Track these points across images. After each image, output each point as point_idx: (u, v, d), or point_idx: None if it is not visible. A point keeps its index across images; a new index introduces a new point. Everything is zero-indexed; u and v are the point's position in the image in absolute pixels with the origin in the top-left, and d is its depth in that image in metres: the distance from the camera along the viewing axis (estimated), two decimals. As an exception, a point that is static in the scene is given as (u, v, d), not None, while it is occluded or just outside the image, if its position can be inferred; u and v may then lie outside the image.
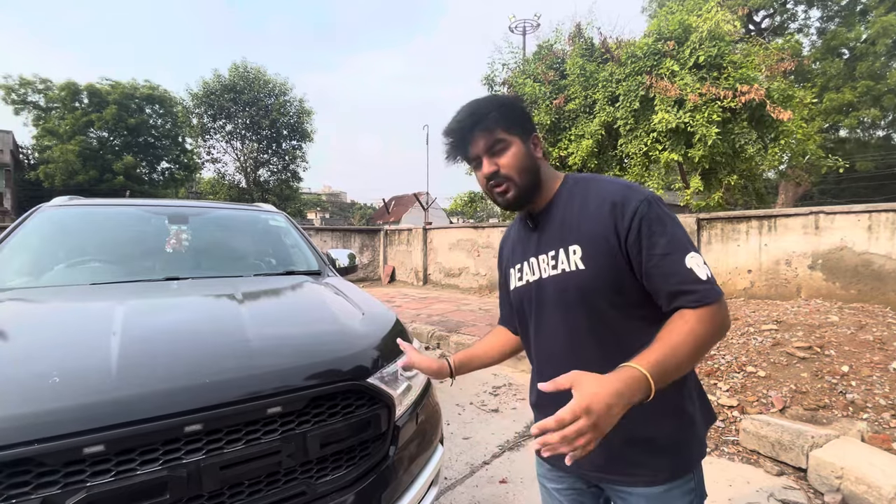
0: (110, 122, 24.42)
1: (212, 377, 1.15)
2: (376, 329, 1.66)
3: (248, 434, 1.14)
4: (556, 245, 0.97)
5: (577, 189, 1.00)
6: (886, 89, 15.10)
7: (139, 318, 1.47)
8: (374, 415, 1.36)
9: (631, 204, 0.89)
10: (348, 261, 3.09)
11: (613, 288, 0.91)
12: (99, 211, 2.56)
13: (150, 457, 1.01)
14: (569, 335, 0.97)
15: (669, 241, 0.87)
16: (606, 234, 0.90)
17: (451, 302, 8.74)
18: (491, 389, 4.27)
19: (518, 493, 2.54)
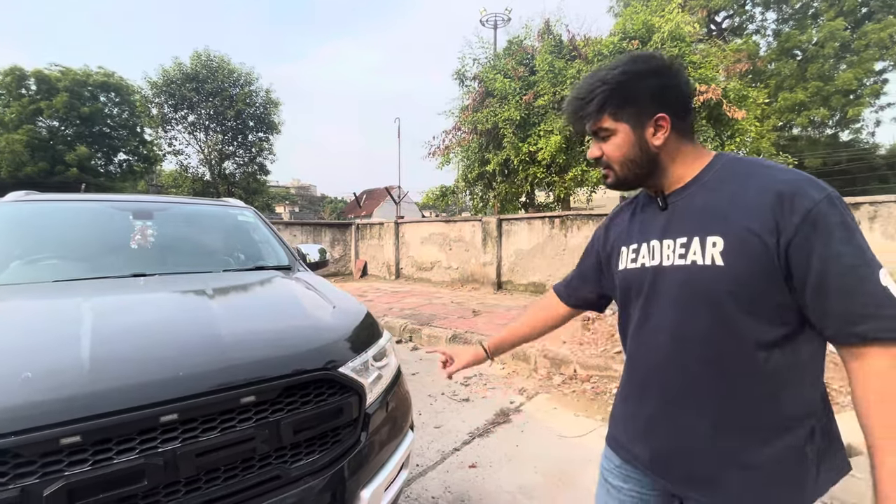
0: (61, 111, 23.07)
1: (185, 370, 1.19)
2: (347, 321, 1.71)
3: (224, 422, 1.18)
4: (690, 232, 0.84)
5: (733, 170, 0.85)
6: (834, 90, 16.07)
7: (109, 315, 1.48)
8: (345, 402, 1.43)
9: (806, 198, 0.74)
10: (319, 256, 3.11)
11: (752, 293, 0.77)
12: (59, 206, 2.49)
13: (127, 446, 1.05)
14: (677, 338, 0.86)
15: (857, 251, 0.72)
16: (762, 230, 0.75)
17: (423, 295, 8.82)
18: (462, 380, 4.38)
19: (487, 477, 2.66)
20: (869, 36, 15.66)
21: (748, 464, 0.81)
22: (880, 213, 5.39)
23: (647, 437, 0.93)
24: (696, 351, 0.83)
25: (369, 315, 1.87)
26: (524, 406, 3.73)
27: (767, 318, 0.78)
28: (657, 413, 0.91)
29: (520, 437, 3.17)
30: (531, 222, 8.67)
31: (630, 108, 0.86)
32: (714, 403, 0.83)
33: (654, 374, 0.91)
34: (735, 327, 0.79)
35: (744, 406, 0.81)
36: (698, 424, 0.84)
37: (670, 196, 0.90)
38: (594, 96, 0.88)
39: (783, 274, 0.75)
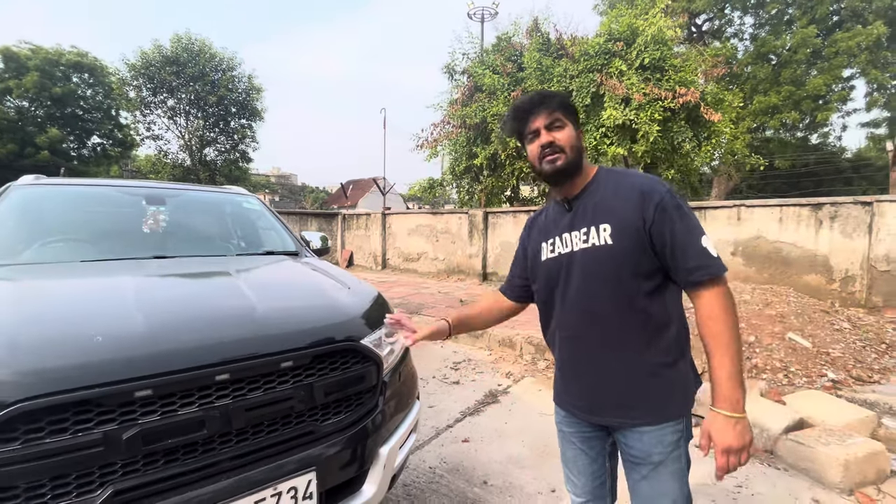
0: (31, 91, 22.14)
1: (232, 337, 1.35)
2: (362, 301, 1.89)
3: (266, 384, 1.35)
4: (589, 223, 1.17)
5: (609, 178, 1.21)
6: (805, 95, 16.74)
7: (150, 289, 1.62)
8: (366, 371, 1.61)
9: (656, 194, 1.10)
10: (321, 243, 3.26)
11: (633, 259, 1.11)
12: (72, 190, 2.57)
13: (188, 400, 1.21)
14: (591, 296, 1.17)
15: (688, 225, 1.09)
16: (633, 216, 1.11)
17: (410, 286, 8.99)
18: (452, 364, 4.60)
19: (480, 449, 2.88)
20: (839, 44, 16.33)
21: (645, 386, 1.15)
22: (840, 214, 5.80)
23: (578, 383, 1.25)
24: (604, 307, 1.15)
25: (380, 296, 2.05)
26: (511, 388, 3.97)
27: (645, 276, 1.12)
28: (582, 361, 1.23)
29: (508, 415, 3.40)
30: (517, 215, 8.91)
31: (572, 116, 1.22)
32: (620, 343, 1.15)
33: (577, 333, 1.22)
34: (626, 285, 1.13)
35: (640, 341, 1.14)
36: (611, 362, 1.17)
37: (573, 200, 1.23)
38: (557, 95, 1.22)
39: (650, 245, 1.10)
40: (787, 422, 2.87)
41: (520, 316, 1.60)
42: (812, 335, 4.08)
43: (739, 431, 1.03)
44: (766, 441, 2.82)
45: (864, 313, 5.32)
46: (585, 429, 1.29)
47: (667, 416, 1.15)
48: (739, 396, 1.04)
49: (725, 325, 1.05)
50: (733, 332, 1.05)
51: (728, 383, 1.03)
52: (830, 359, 3.75)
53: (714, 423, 1.05)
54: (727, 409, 1.03)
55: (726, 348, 1.04)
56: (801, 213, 6.04)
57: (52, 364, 1.10)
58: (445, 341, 5.49)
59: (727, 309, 1.07)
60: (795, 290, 5.82)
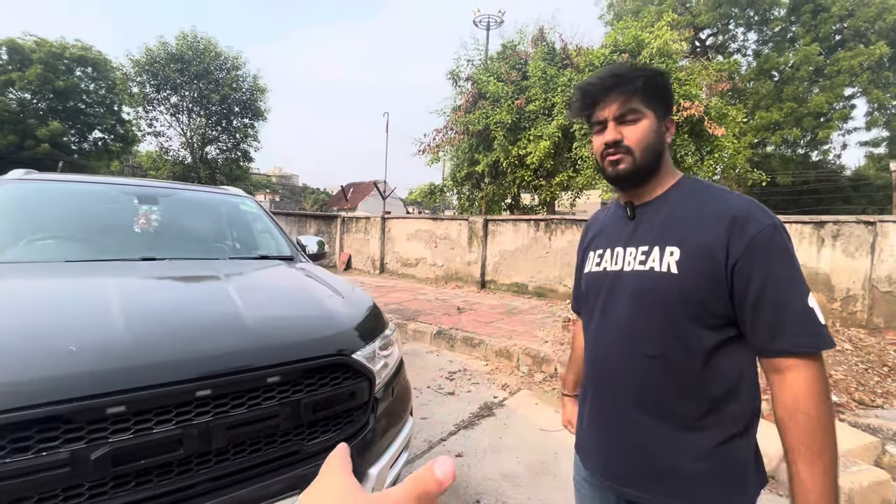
0: (34, 83, 22.10)
1: (218, 350, 1.28)
2: (356, 311, 1.81)
3: (251, 400, 1.27)
4: (652, 241, 0.92)
5: (694, 191, 0.94)
6: (807, 112, 16.83)
7: (135, 294, 1.54)
8: (357, 387, 1.53)
9: (756, 223, 0.83)
10: (317, 247, 3.18)
11: (699, 302, 0.85)
12: (62, 187, 2.50)
13: (165, 417, 1.13)
14: (635, 334, 0.92)
15: (792, 274, 0.81)
16: (714, 246, 0.84)
17: (407, 291, 8.90)
18: (447, 374, 4.51)
19: (473, 465, 2.80)
20: (841, 63, 16.45)
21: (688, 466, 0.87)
22: (842, 233, 5.76)
23: (597, 435, 1.01)
24: (646, 350, 0.89)
25: (375, 306, 1.97)
26: (507, 401, 3.88)
27: (710, 325, 0.85)
28: (607, 411, 0.97)
29: (503, 429, 3.32)
30: (517, 224, 8.86)
31: (660, 101, 0.93)
32: (660, 402, 0.89)
33: (607, 373, 0.97)
34: (681, 330, 0.86)
35: (688, 406, 0.87)
36: (646, 422, 0.90)
37: (639, 208, 0.98)
38: (636, 76, 0.90)
39: (727, 287, 0.83)
40: (790, 446, 2.80)
41: (516, 326, 1.53)
42: (814, 356, 4.02)
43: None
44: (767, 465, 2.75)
45: (864, 334, 5.26)
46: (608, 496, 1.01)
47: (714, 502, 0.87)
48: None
49: (818, 423, 0.77)
50: (828, 433, 0.77)
51: (820, 499, 0.76)
52: (833, 381, 3.68)
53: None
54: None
55: (816, 453, 0.76)
56: (804, 231, 5.99)
57: (18, 377, 1.03)
58: (441, 350, 5.42)
59: (823, 399, 0.78)
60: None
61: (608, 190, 8.27)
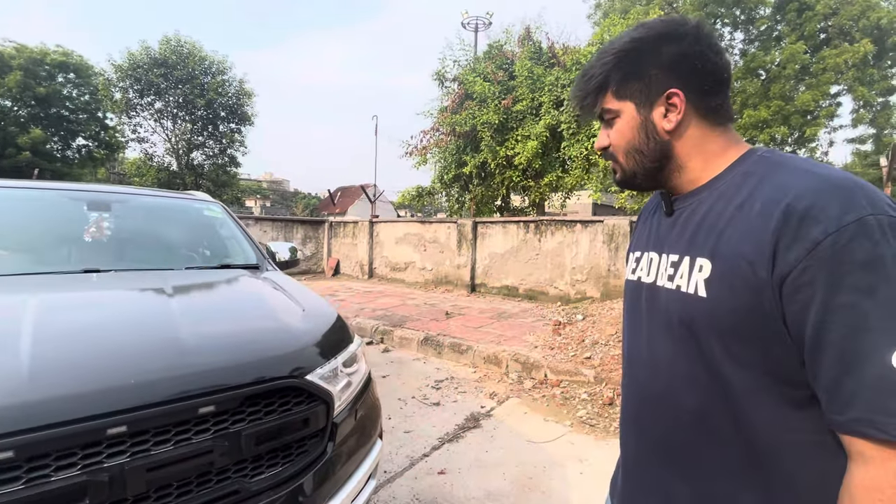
0: (14, 90, 21.61)
1: (137, 377, 1.10)
2: (316, 326, 1.65)
3: (178, 434, 1.10)
4: (683, 249, 0.69)
5: (755, 171, 0.64)
6: (794, 110, 16.91)
7: (53, 314, 1.37)
8: (311, 412, 1.37)
9: (822, 218, 0.53)
10: (289, 254, 3.01)
11: (737, 340, 0.60)
12: (7, 193, 2.30)
13: (67, 462, 0.96)
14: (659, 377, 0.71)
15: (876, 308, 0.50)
16: (757, 256, 0.57)
17: (396, 296, 8.73)
18: (433, 383, 4.34)
19: (456, 483, 2.63)
20: (826, 61, 16.55)
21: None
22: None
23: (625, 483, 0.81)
24: (682, 399, 0.67)
25: (340, 319, 1.81)
26: (495, 410, 3.72)
27: (770, 373, 0.58)
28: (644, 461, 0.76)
29: (490, 442, 3.16)
30: (506, 226, 8.72)
31: (635, 81, 0.69)
32: (694, 466, 0.67)
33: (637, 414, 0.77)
34: (720, 376, 0.62)
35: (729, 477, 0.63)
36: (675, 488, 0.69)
37: (678, 200, 0.73)
38: (595, 71, 0.72)
39: (780, 317, 0.56)
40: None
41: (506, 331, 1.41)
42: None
43: None
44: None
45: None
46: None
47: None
48: None
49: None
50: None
51: None
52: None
53: None
54: None
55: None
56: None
57: None
58: (428, 357, 5.24)
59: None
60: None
61: (598, 190, 8.18)
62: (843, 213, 0.52)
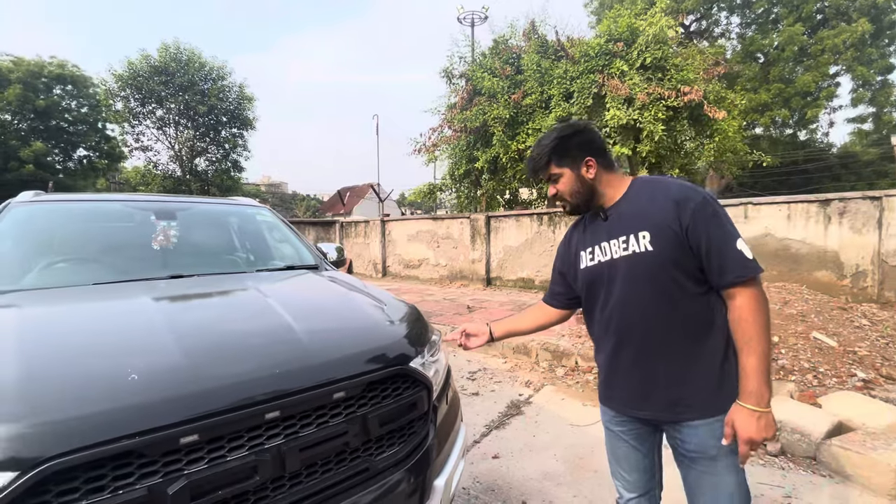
0: (14, 104, 21.60)
1: (279, 368, 1.21)
2: (403, 318, 1.75)
3: (319, 418, 1.21)
4: (627, 231, 1.22)
5: (644, 188, 1.26)
6: (794, 92, 16.94)
7: (178, 314, 1.47)
8: (417, 396, 1.47)
9: (690, 202, 1.15)
10: (336, 254, 3.12)
11: (674, 265, 1.16)
12: (75, 207, 2.40)
13: (238, 443, 1.07)
14: (637, 303, 1.22)
15: (724, 230, 1.14)
16: (671, 223, 1.15)
17: (414, 293, 8.84)
18: (468, 375, 4.46)
19: (511, 466, 2.75)
20: (825, 41, 16.57)
21: (695, 383, 1.18)
22: (848, 209, 5.78)
23: (628, 382, 1.28)
24: (650, 309, 1.20)
25: (418, 311, 1.92)
26: (533, 398, 3.84)
27: (690, 279, 1.16)
28: (631, 362, 1.26)
29: (535, 427, 3.27)
30: (519, 219, 8.82)
31: (566, 157, 1.28)
32: (667, 343, 1.19)
33: (623, 336, 1.26)
34: (669, 287, 1.17)
35: (687, 343, 1.18)
36: (658, 363, 1.21)
37: (609, 210, 1.29)
38: (542, 155, 1.29)
39: (688, 249, 1.14)
40: (827, 426, 2.78)
41: None
42: (836, 333, 4.02)
43: (763, 425, 1.08)
44: (808, 447, 2.72)
45: (877, 308, 5.29)
46: (636, 425, 1.33)
47: (719, 409, 1.17)
48: (764, 392, 1.09)
49: (755, 326, 1.10)
50: (763, 333, 1.11)
51: (754, 379, 1.09)
52: (858, 357, 3.68)
53: (738, 415, 1.11)
54: (752, 403, 1.09)
55: (752, 344, 1.10)
56: (810, 210, 6.02)
57: (82, 412, 0.96)
58: (457, 350, 5.36)
59: (758, 310, 1.11)
60: (807, 287, 5.79)
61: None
62: (697, 196, 1.16)
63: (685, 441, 1.22)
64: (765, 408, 1.09)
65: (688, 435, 1.21)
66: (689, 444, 1.21)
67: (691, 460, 1.22)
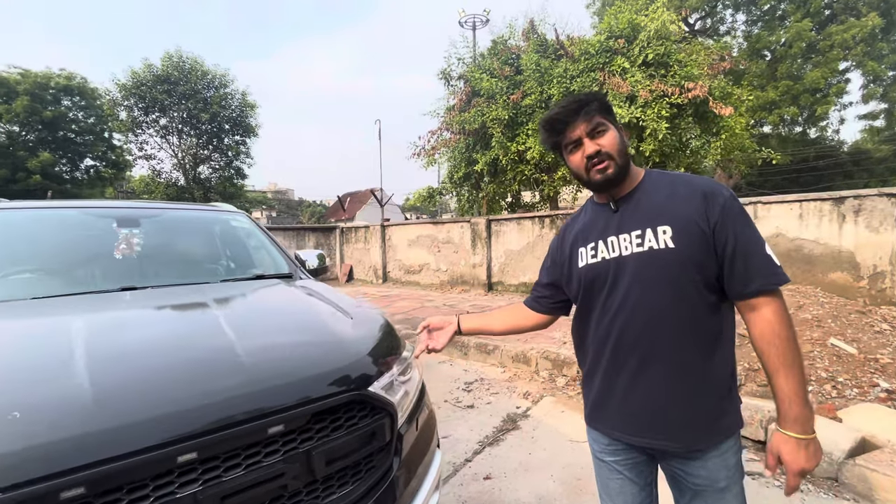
0: (21, 115, 21.82)
1: (202, 399, 1.03)
2: (368, 334, 1.57)
3: (248, 458, 1.03)
4: (643, 225, 1.05)
5: (662, 179, 1.11)
6: (803, 89, 16.59)
7: (104, 336, 1.30)
8: (377, 425, 1.29)
9: (720, 196, 1.02)
10: (318, 261, 2.94)
11: (696, 267, 1.01)
12: (32, 214, 2.25)
13: (140, 494, 0.89)
14: (647, 309, 1.04)
15: (753, 231, 1.02)
16: (697, 218, 1.01)
17: (413, 299, 8.66)
18: (463, 385, 4.26)
19: (504, 488, 2.54)
20: (833, 37, 16.22)
21: (708, 404, 1.04)
22: (864, 207, 5.51)
23: (627, 403, 1.10)
24: (662, 316, 1.03)
25: (388, 324, 1.73)
26: (531, 411, 3.63)
27: (708, 287, 1.02)
28: (633, 378, 1.08)
29: (531, 444, 3.07)
30: (520, 222, 8.62)
31: (613, 116, 1.11)
32: (678, 357, 1.03)
33: (625, 346, 1.08)
34: (688, 292, 1.02)
35: (701, 358, 1.03)
36: (668, 380, 1.04)
37: (619, 201, 1.12)
38: (593, 98, 1.09)
39: (713, 249, 1.01)
40: (850, 443, 2.55)
41: None
42: (855, 339, 3.76)
43: (812, 452, 0.97)
44: (829, 467, 2.49)
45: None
46: (633, 454, 1.16)
47: (728, 435, 1.08)
48: (809, 416, 0.97)
49: (790, 342, 0.98)
50: (797, 349, 0.98)
51: (797, 404, 0.96)
52: (880, 366, 3.43)
53: (785, 446, 0.98)
54: (798, 431, 0.97)
55: (791, 366, 0.97)
56: (823, 209, 5.75)
57: None
58: (454, 359, 5.16)
59: (789, 323, 0.99)
60: (821, 289, 5.52)
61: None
62: (725, 192, 1.03)
63: (692, 474, 1.08)
64: (811, 433, 0.97)
65: (695, 467, 1.07)
66: (696, 476, 1.08)
67: (696, 493, 1.09)
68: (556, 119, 1.10)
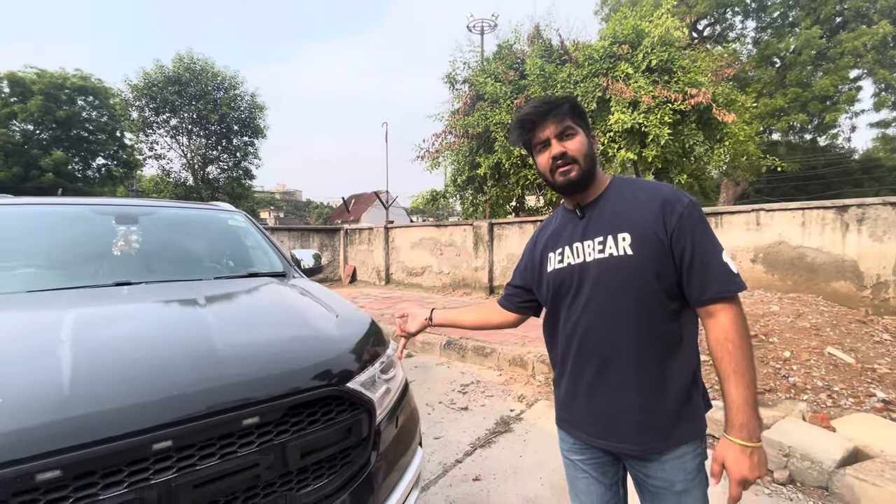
0: (36, 115, 22.23)
1: (179, 389, 1.07)
2: (352, 332, 1.60)
3: (223, 448, 1.06)
4: (605, 231, 1.08)
5: (626, 187, 1.13)
6: (812, 96, 16.46)
7: (91, 328, 1.34)
8: (354, 420, 1.32)
9: (679, 204, 1.04)
10: (313, 261, 2.98)
11: (654, 274, 1.03)
12: (32, 210, 2.32)
13: (115, 479, 0.92)
14: (607, 314, 1.07)
15: (710, 239, 1.04)
16: (655, 226, 1.03)
17: (415, 301, 8.69)
18: (459, 387, 4.27)
19: (493, 490, 2.56)
20: (844, 44, 16.09)
21: (665, 409, 1.05)
22: (868, 216, 5.46)
23: (590, 405, 1.12)
24: (621, 322, 1.05)
25: (374, 324, 1.76)
26: (525, 414, 3.64)
27: (668, 293, 1.04)
28: (593, 381, 1.11)
29: (523, 447, 3.07)
30: (523, 226, 8.63)
31: (583, 121, 1.14)
32: (638, 362, 1.05)
33: (587, 350, 1.10)
34: (646, 299, 1.04)
35: (660, 360, 1.05)
36: (626, 384, 1.06)
37: (585, 208, 1.15)
38: (564, 102, 1.11)
39: (670, 256, 1.03)
40: (841, 452, 2.53)
41: (530, 332, 1.50)
42: (853, 349, 3.73)
43: (756, 462, 0.97)
44: (819, 476, 2.48)
45: (900, 322, 4.95)
46: (597, 454, 1.19)
47: (687, 439, 1.08)
48: (756, 425, 0.98)
49: (742, 349, 0.99)
50: (749, 357, 1.00)
51: (745, 411, 0.97)
52: (877, 376, 3.39)
53: (729, 452, 0.99)
54: (743, 438, 0.97)
55: (741, 373, 0.98)
56: (826, 217, 5.71)
57: None
58: (452, 361, 5.18)
59: (743, 331, 1.01)
60: (823, 298, 5.47)
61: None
62: (685, 199, 1.05)
63: (650, 476, 1.10)
64: (756, 442, 0.97)
65: (654, 469, 1.09)
66: (654, 478, 1.10)
67: (655, 495, 1.11)
68: (526, 117, 1.12)
